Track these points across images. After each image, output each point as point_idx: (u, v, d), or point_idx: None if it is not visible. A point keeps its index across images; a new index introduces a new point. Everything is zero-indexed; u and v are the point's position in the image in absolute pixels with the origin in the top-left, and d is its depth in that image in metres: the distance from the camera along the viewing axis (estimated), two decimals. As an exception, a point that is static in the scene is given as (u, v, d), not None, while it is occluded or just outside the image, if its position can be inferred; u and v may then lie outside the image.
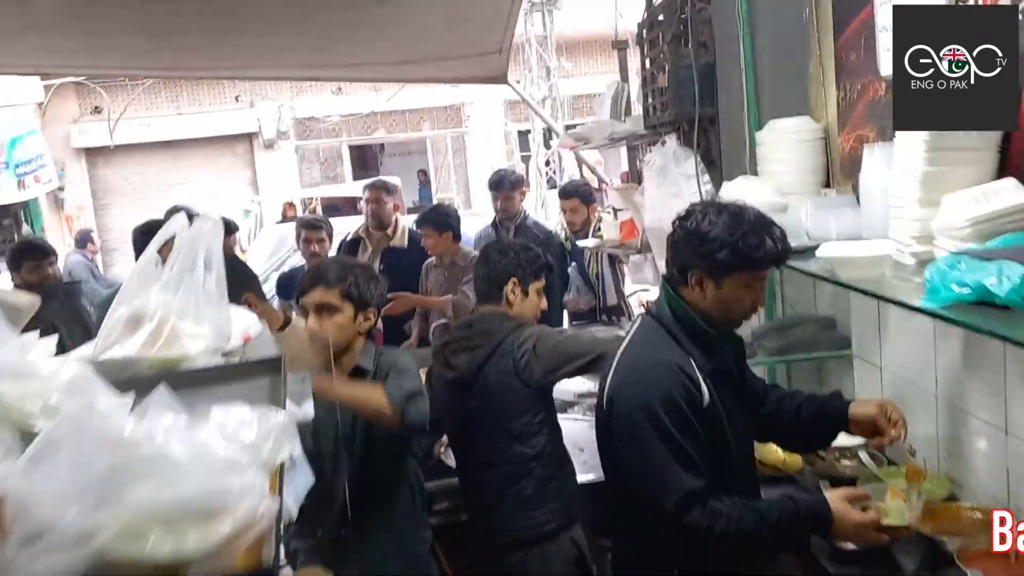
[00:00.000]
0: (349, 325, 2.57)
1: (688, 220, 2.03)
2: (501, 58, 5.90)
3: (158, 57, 5.26)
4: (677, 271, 2.06)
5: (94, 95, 14.98)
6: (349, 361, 2.60)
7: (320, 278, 2.57)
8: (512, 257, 2.90)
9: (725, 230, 1.95)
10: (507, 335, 2.78)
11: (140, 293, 1.49)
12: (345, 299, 2.55)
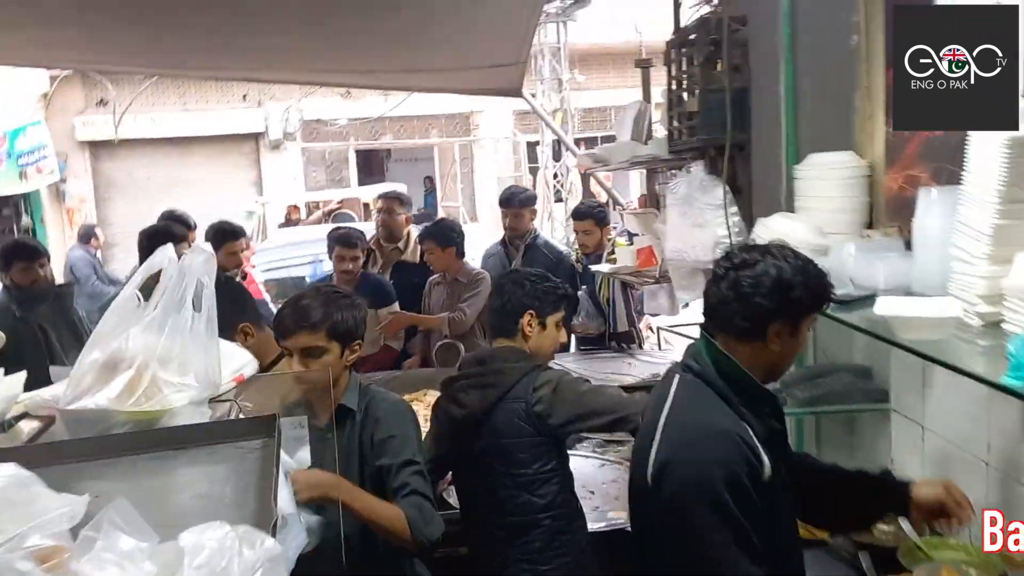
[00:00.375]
0: (336, 363, 2.40)
1: (753, 269, 1.85)
2: (517, 70, 5.73)
3: (162, 55, 5.09)
4: (751, 325, 1.86)
5: (100, 88, 14.79)
6: (335, 399, 2.43)
7: (303, 320, 2.37)
8: (528, 288, 2.70)
9: (803, 274, 1.83)
10: (522, 376, 2.57)
11: (118, 334, 1.30)
12: (331, 339, 2.38)
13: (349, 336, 2.42)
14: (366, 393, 2.50)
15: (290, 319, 2.39)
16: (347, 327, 2.40)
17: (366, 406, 2.45)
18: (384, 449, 2.38)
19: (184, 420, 1.30)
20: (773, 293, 1.82)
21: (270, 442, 1.25)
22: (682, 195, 3.51)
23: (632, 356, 4.83)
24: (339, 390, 2.43)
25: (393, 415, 2.45)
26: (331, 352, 2.37)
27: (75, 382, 1.29)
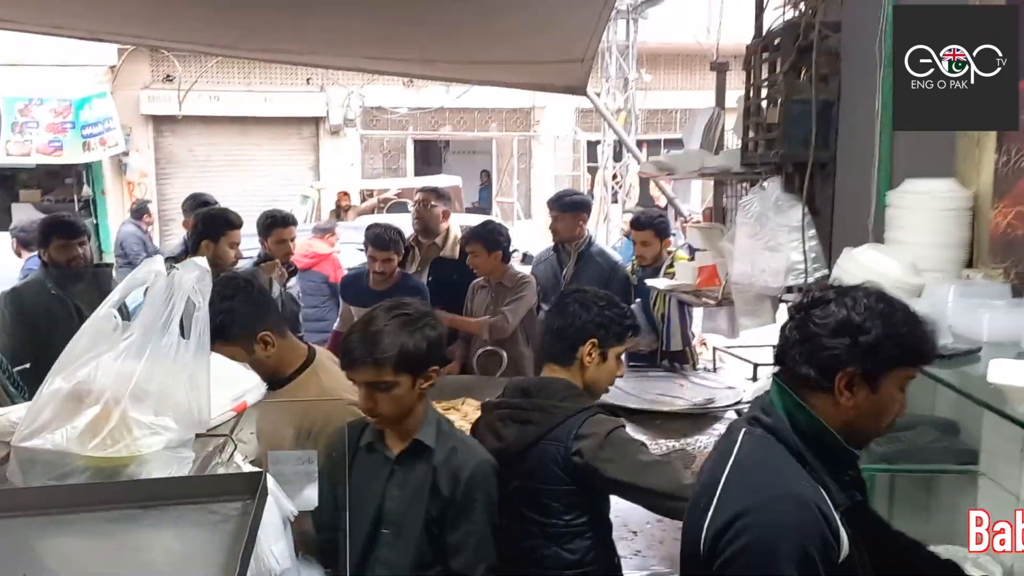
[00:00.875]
0: (407, 395, 2.12)
1: (826, 308, 1.60)
2: (583, 67, 5.49)
3: (224, 34, 4.95)
4: (817, 372, 1.59)
5: (166, 63, 14.86)
6: (408, 429, 2.18)
7: (368, 355, 2.07)
8: (595, 313, 2.37)
9: (884, 319, 1.56)
10: (568, 418, 2.28)
11: (87, 361, 1.09)
12: (400, 372, 2.08)
13: (421, 365, 2.12)
14: (445, 434, 2.21)
15: (357, 350, 2.09)
16: (419, 356, 2.10)
17: (448, 453, 2.17)
18: (462, 516, 2.14)
19: (157, 469, 1.08)
20: (838, 335, 1.57)
21: (250, 506, 1.03)
22: (754, 213, 3.22)
23: (684, 377, 4.52)
24: (413, 422, 2.17)
25: (481, 478, 2.17)
26: (400, 385, 2.09)
27: (33, 415, 1.09)
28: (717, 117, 4.05)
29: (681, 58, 16.47)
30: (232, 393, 1.39)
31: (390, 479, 2.16)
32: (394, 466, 2.16)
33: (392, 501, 2.17)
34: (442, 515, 2.14)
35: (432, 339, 2.12)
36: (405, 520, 2.15)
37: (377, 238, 4.52)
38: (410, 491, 2.15)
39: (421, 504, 2.14)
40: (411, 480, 2.15)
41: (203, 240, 4.30)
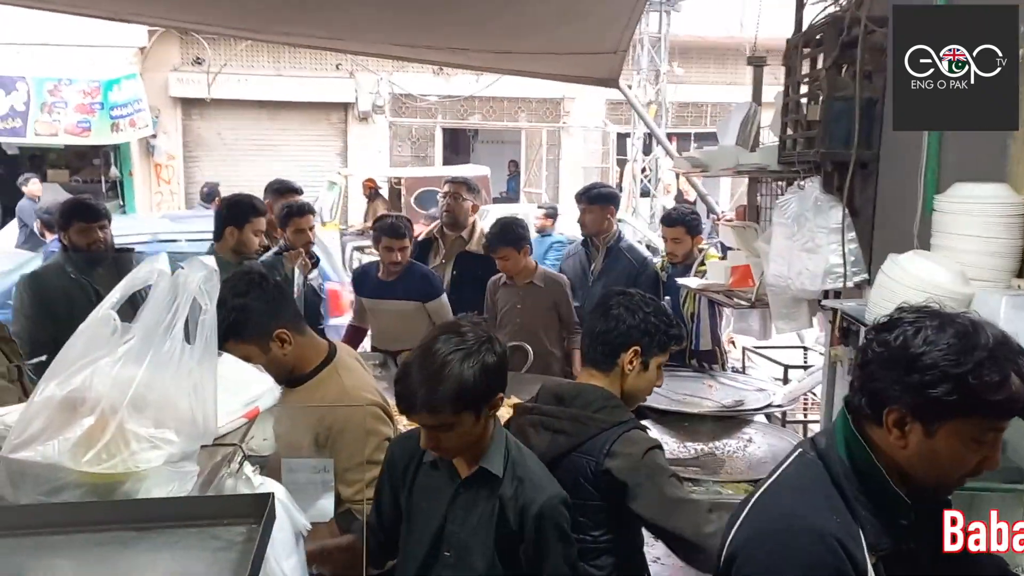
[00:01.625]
0: (471, 430, 1.97)
1: (892, 332, 1.42)
2: (616, 59, 5.38)
3: (249, 17, 4.89)
4: (867, 402, 1.45)
5: (196, 46, 14.89)
6: (475, 453, 2.05)
7: (425, 403, 1.90)
8: (641, 319, 2.24)
9: (949, 354, 1.34)
10: (601, 432, 2.17)
11: (83, 366, 1.01)
12: (461, 412, 1.93)
13: (483, 399, 1.96)
14: (514, 462, 2.07)
15: (412, 396, 1.92)
16: (479, 390, 1.93)
17: (516, 486, 2.03)
18: (540, 554, 2.01)
19: (156, 485, 1.00)
20: (894, 367, 1.39)
21: (256, 531, 0.94)
22: (792, 214, 3.10)
23: (713, 378, 4.41)
24: (480, 446, 2.03)
25: (550, 514, 2.02)
26: (463, 424, 1.94)
27: (24, 424, 1.01)
28: (753, 113, 3.92)
29: (713, 51, 16.26)
30: (243, 398, 1.31)
31: (454, 501, 2.04)
32: (459, 488, 2.04)
33: (455, 524, 2.05)
34: (513, 548, 2.02)
35: (491, 367, 1.94)
36: (469, 545, 2.03)
37: (392, 228, 4.46)
38: (475, 517, 2.03)
39: (488, 533, 2.02)
40: (477, 506, 2.03)
41: (228, 227, 4.25)
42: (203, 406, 1.08)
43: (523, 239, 4.44)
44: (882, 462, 1.44)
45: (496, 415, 2.07)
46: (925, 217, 2.53)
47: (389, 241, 4.42)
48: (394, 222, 4.53)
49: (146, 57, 14.53)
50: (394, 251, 4.41)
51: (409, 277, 4.48)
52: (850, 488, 1.45)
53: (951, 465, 1.41)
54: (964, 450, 1.39)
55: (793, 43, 3.43)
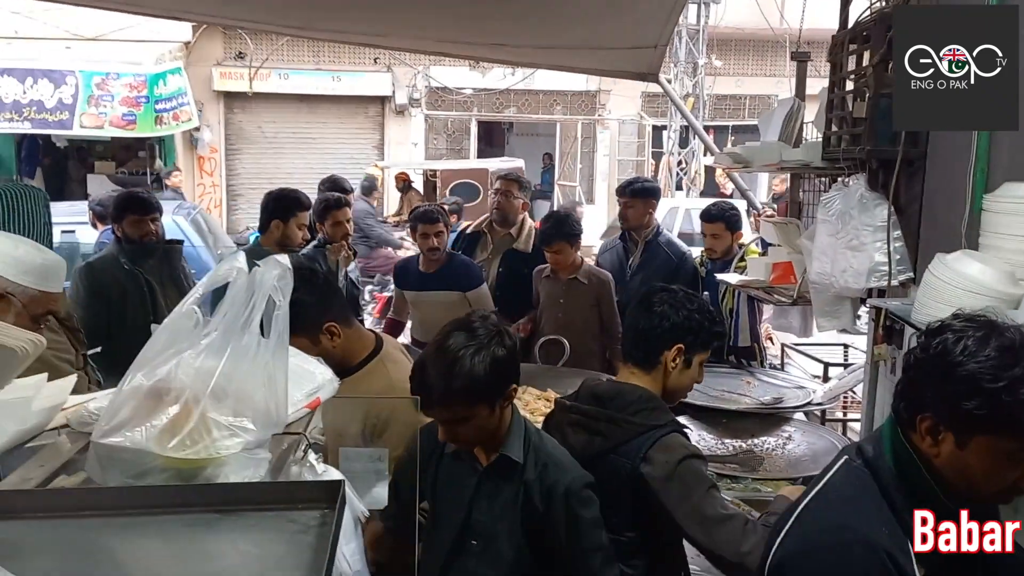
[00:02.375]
0: (488, 421, 2.03)
1: (937, 338, 1.40)
2: (656, 53, 5.37)
3: (291, 13, 4.97)
4: (904, 406, 1.45)
5: (239, 41, 15.08)
6: (494, 443, 2.09)
7: (441, 398, 1.96)
8: (685, 316, 2.22)
9: (986, 368, 1.31)
10: (636, 436, 2.16)
11: (168, 358, 1.07)
12: (475, 405, 1.99)
13: (497, 391, 2.00)
14: (535, 448, 2.11)
15: (429, 390, 1.97)
16: (492, 383, 1.98)
17: (539, 470, 2.07)
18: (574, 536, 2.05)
19: (234, 471, 1.06)
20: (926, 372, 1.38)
21: (330, 516, 1.00)
22: (836, 211, 3.09)
23: (752, 375, 4.41)
24: (499, 435, 2.07)
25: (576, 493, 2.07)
26: (478, 416, 1.99)
27: (112, 411, 1.07)
28: (797, 109, 3.91)
29: (752, 43, 16.10)
30: (306, 389, 1.36)
31: (478, 490, 2.09)
32: (482, 477, 2.08)
33: (480, 513, 2.09)
34: (540, 532, 2.06)
35: (502, 360, 1.99)
36: (495, 532, 2.07)
37: (425, 214, 4.53)
38: (500, 504, 2.07)
39: (514, 518, 2.06)
40: (501, 494, 2.07)
41: (273, 220, 4.34)
42: (276, 397, 1.13)
43: (577, 234, 4.47)
44: (932, 472, 1.42)
45: (514, 404, 2.11)
46: (973, 216, 2.51)
47: (424, 227, 4.46)
48: (427, 209, 4.61)
49: (190, 52, 14.74)
50: (430, 237, 4.45)
51: (450, 268, 4.53)
52: (899, 498, 1.43)
53: (984, 480, 1.39)
54: (997, 466, 1.36)
55: (839, 39, 3.41)
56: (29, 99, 12.48)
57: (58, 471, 1.14)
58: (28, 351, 1.17)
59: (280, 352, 1.14)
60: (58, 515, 0.98)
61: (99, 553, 0.95)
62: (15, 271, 2.11)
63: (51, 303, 2.27)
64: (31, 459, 1.19)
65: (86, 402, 1.24)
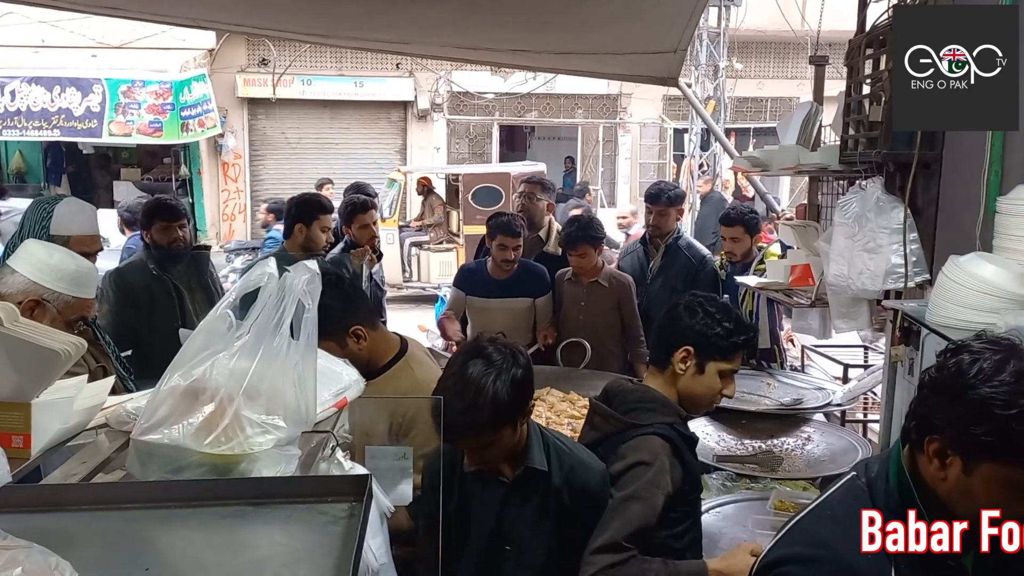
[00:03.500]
0: (511, 440, 2.06)
1: (952, 358, 1.34)
2: (675, 58, 5.40)
3: (315, 22, 5.04)
4: (915, 426, 1.40)
5: (262, 47, 15.26)
6: (515, 458, 2.12)
7: (469, 429, 1.98)
8: (698, 319, 2.22)
9: (999, 393, 1.26)
10: (618, 432, 2.19)
11: (204, 359, 1.14)
12: (499, 430, 2.01)
13: (519, 412, 2.03)
14: (557, 452, 2.14)
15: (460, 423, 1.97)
16: (514, 405, 2.00)
17: (566, 473, 2.10)
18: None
19: (266, 466, 1.12)
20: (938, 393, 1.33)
21: (358, 508, 1.06)
22: (853, 214, 3.11)
23: (772, 377, 4.44)
24: (518, 451, 2.10)
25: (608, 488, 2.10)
26: (503, 438, 2.02)
27: (151, 410, 1.14)
28: (815, 112, 3.93)
29: (773, 45, 16.08)
30: (334, 389, 1.42)
31: (506, 503, 2.11)
32: (509, 491, 2.11)
33: (511, 522, 2.11)
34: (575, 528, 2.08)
35: (520, 380, 2.01)
36: (530, 538, 2.10)
37: (507, 226, 4.48)
38: (530, 511, 2.10)
39: (547, 521, 2.09)
40: (530, 503, 2.10)
41: (296, 224, 4.41)
42: (305, 396, 1.19)
43: (601, 237, 4.51)
44: (925, 496, 1.38)
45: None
46: (988, 219, 2.54)
47: (504, 239, 4.44)
48: (510, 220, 4.56)
49: (214, 59, 14.94)
50: (508, 249, 4.44)
51: (521, 274, 4.54)
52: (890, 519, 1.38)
53: (989, 507, 1.32)
54: (1004, 496, 1.31)
55: (856, 43, 3.44)
56: (57, 107, 12.72)
57: (98, 468, 1.21)
58: (71, 353, 1.24)
59: (309, 353, 1.20)
60: (103, 507, 1.05)
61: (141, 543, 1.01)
62: (51, 278, 2.20)
63: (85, 308, 2.36)
64: (73, 456, 1.26)
65: (124, 402, 1.31)
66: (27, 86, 12.65)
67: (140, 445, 1.12)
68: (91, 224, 3.24)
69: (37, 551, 0.84)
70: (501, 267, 4.49)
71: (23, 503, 1.05)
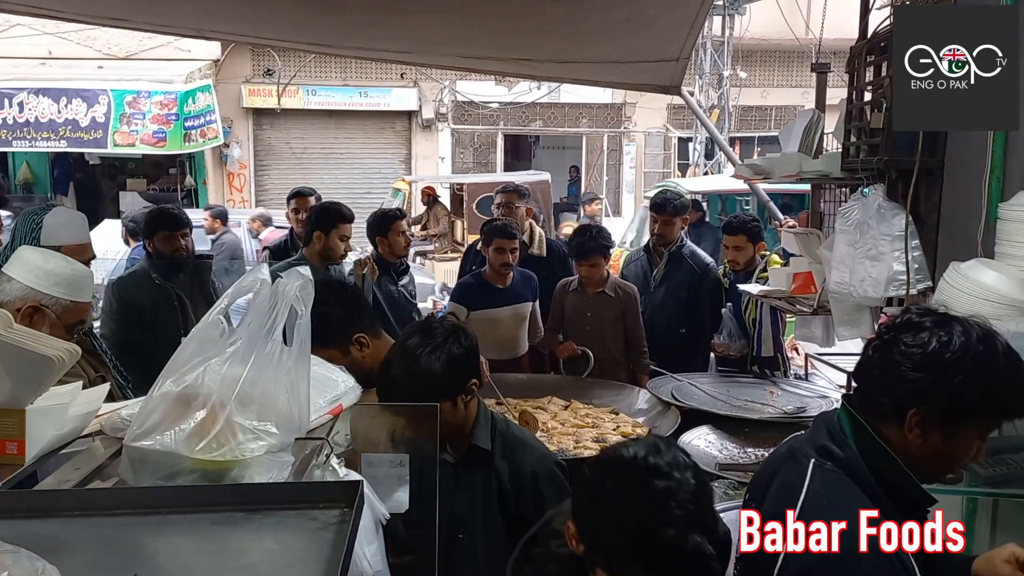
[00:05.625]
0: (451, 416, 2.13)
1: (918, 335, 1.46)
2: (678, 67, 5.41)
3: (318, 32, 5.07)
4: (890, 402, 1.48)
5: (267, 58, 15.31)
6: (463, 433, 2.20)
7: (405, 394, 2.06)
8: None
9: (978, 364, 1.42)
10: None
11: (196, 365, 1.14)
12: (438, 400, 2.06)
13: (456, 388, 2.13)
14: (502, 434, 2.23)
15: (398, 389, 2.08)
16: (449, 380, 2.11)
17: (505, 453, 2.19)
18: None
19: (258, 472, 1.12)
20: (922, 370, 1.44)
21: (348, 514, 1.05)
22: (855, 221, 3.11)
23: (775, 384, 4.42)
24: (466, 426, 2.18)
25: (545, 474, 2.17)
26: (441, 411, 2.05)
27: (143, 416, 1.14)
28: (816, 120, 3.93)
29: (777, 54, 16.09)
30: (329, 396, 1.42)
31: (455, 483, 2.19)
32: (458, 470, 2.19)
33: (462, 506, 2.19)
34: (519, 513, 2.15)
35: (458, 357, 2.11)
36: (480, 524, 2.18)
37: (502, 229, 4.49)
38: (478, 493, 2.18)
39: (491, 506, 2.17)
40: (476, 483, 2.19)
41: (315, 232, 4.40)
42: (298, 402, 1.19)
43: (611, 246, 4.51)
44: (906, 462, 1.48)
45: (478, 398, 2.22)
46: (989, 225, 2.53)
47: (501, 242, 4.43)
48: (506, 223, 4.57)
49: (219, 70, 15.00)
50: (506, 252, 4.43)
51: (519, 279, 4.57)
52: (884, 499, 1.47)
53: (958, 459, 1.50)
54: (971, 446, 1.48)
55: (857, 50, 3.44)
56: (64, 118, 12.77)
57: (92, 474, 1.21)
58: (64, 360, 1.24)
59: (302, 359, 1.20)
60: (94, 513, 1.04)
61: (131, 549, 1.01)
62: (47, 283, 2.21)
63: (83, 312, 2.37)
64: (67, 462, 1.26)
65: (119, 409, 1.31)
66: (34, 97, 12.72)
67: (132, 451, 1.12)
68: (81, 233, 3.24)
69: (25, 556, 0.84)
70: (500, 272, 4.48)
71: (13, 509, 1.05)
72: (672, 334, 4.84)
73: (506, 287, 4.51)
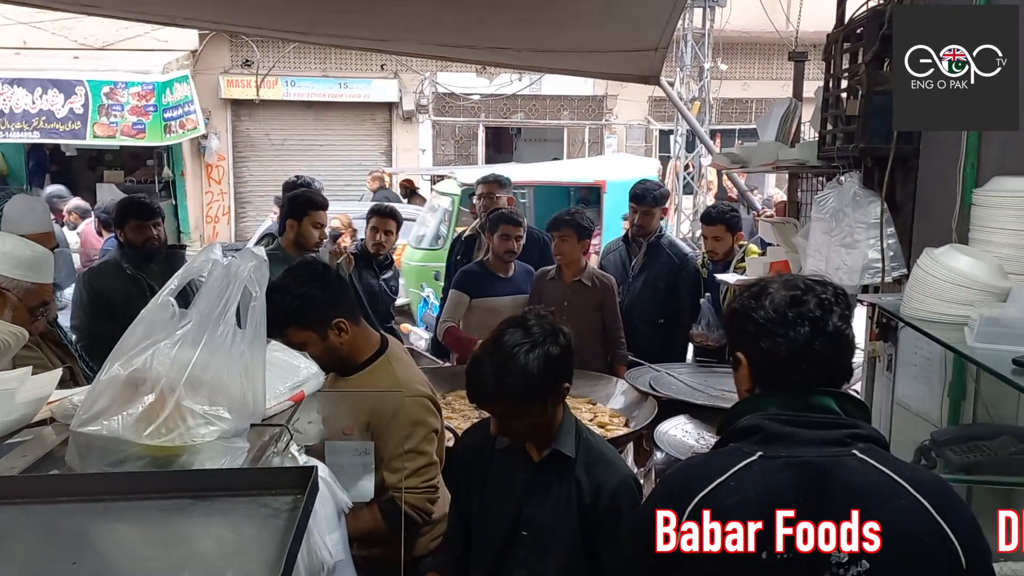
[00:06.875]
0: (540, 418, 2.05)
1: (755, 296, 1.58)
2: (656, 56, 5.38)
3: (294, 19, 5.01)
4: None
5: (246, 48, 15.16)
6: (546, 437, 2.11)
7: (495, 393, 2.00)
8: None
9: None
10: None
11: (144, 349, 1.10)
12: (529, 401, 2.01)
13: (549, 390, 2.03)
14: (587, 444, 2.13)
15: (482, 387, 2.01)
16: (545, 381, 2.00)
17: (588, 466, 2.10)
18: (612, 536, 2.06)
19: (210, 459, 1.08)
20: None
21: (300, 501, 1.02)
22: (830, 209, 3.10)
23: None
24: (550, 435, 2.09)
25: (625, 494, 2.07)
26: (530, 412, 2.02)
27: (90, 401, 1.10)
28: (793, 108, 3.92)
29: (758, 47, 16.10)
30: (290, 383, 1.38)
31: (529, 485, 2.11)
32: (533, 473, 2.11)
33: (533, 507, 2.11)
34: (592, 527, 2.08)
35: (555, 358, 2.00)
36: (548, 526, 2.10)
37: (508, 216, 4.46)
38: (552, 499, 2.10)
39: (569, 512, 2.08)
40: (552, 489, 2.10)
41: (288, 220, 4.34)
42: (253, 387, 1.15)
43: (587, 229, 4.45)
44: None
45: (565, 402, 2.13)
46: (964, 211, 2.52)
47: (507, 228, 4.42)
48: (509, 212, 4.54)
49: (197, 60, 14.84)
50: (511, 239, 4.42)
51: (520, 270, 4.56)
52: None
53: None
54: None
55: (833, 37, 3.43)
56: (38, 109, 12.58)
57: (41, 461, 1.17)
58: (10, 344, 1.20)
59: (257, 343, 1.16)
60: (36, 501, 1.00)
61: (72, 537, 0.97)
62: (7, 266, 2.17)
63: (44, 293, 2.34)
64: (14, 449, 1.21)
65: (71, 395, 1.27)
66: (8, 88, 12.52)
67: (79, 437, 1.08)
68: (43, 221, 3.18)
69: (-44, 546, 0.80)
70: (504, 259, 4.46)
71: (-50, 497, 1.01)
72: (650, 324, 4.82)
73: (508, 277, 4.48)
